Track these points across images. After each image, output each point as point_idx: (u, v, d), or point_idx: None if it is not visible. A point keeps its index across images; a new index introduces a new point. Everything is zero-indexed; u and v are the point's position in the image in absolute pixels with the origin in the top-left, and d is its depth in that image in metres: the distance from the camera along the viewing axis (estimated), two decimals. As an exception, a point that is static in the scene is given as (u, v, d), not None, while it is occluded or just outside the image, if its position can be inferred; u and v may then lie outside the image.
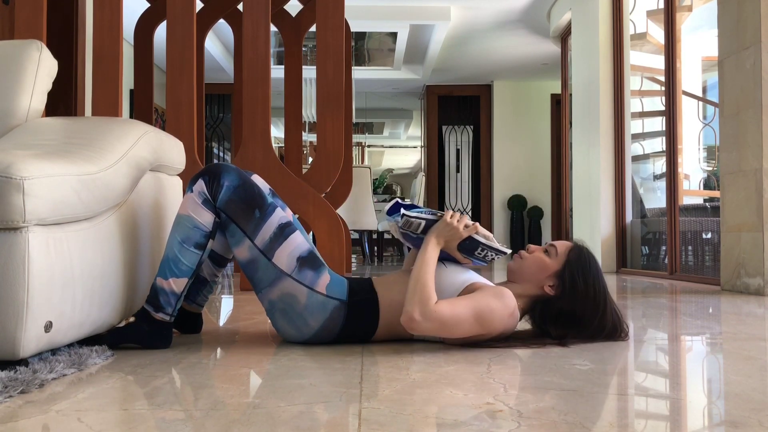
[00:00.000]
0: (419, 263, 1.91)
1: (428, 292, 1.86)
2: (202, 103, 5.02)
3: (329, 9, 3.70)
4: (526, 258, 2.03)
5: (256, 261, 1.94)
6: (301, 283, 1.93)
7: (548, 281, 1.99)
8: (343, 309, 1.94)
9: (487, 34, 8.22)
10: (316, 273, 1.95)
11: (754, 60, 3.82)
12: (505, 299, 1.89)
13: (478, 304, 1.87)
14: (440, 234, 1.95)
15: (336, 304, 1.94)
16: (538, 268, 2.00)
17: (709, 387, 1.59)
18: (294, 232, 1.97)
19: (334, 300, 1.94)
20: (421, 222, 1.99)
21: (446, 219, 1.95)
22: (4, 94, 2.09)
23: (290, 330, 1.98)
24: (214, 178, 1.94)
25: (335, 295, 1.94)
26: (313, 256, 1.97)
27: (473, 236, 1.96)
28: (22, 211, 1.56)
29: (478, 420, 1.19)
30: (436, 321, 1.84)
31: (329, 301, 1.94)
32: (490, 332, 1.91)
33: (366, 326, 1.99)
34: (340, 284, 1.97)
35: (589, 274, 1.98)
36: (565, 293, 1.96)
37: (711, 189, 6.14)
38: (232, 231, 1.95)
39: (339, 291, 1.95)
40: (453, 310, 1.85)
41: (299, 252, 1.95)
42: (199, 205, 1.93)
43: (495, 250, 1.98)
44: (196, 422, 1.19)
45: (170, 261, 1.93)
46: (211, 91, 9.50)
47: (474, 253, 1.98)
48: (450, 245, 1.97)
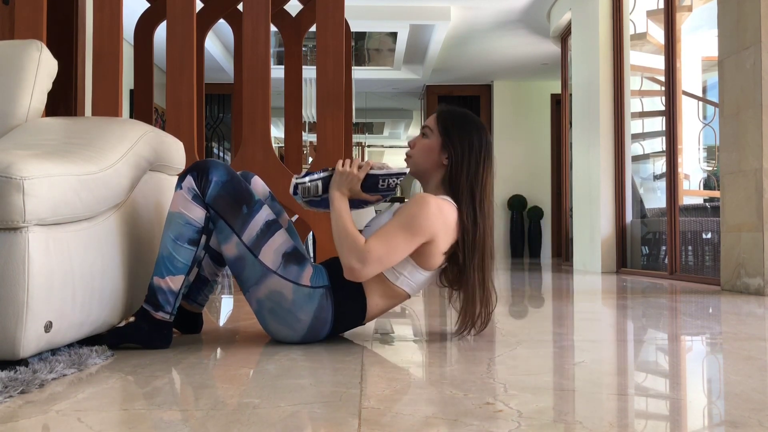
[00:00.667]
0: (333, 219, 1.96)
1: (353, 237, 1.91)
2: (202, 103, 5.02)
3: (329, 9, 3.70)
4: (413, 153, 2.10)
5: (244, 258, 1.95)
6: (287, 279, 1.94)
7: (441, 157, 2.05)
8: (329, 294, 1.96)
9: (487, 34, 8.22)
10: (300, 267, 1.96)
11: (754, 60, 3.82)
12: (421, 199, 1.94)
13: (398, 220, 1.92)
14: (339, 185, 1.99)
15: (321, 292, 1.95)
16: (426, 151, 2.07)
17: (709, 387, 1.59)
18: (279, 230, 1.99)
19: (319, 288, 1.95)
20: (317, 183, 2.02)
21: (338, 169, 1.99)
22: (4, 94, 2.09)
23: (283, 329, 1.98)
24: (203, 174, 1.94)
25: (319, 284, 1.96)
26: (298, 252, 1.99)
27: (370, 172, 1.99)
28: (22, 211, 1.56)
29: (478, 420, 1.19)
30: (374, 257, 1.88)
31: (315, 291, 1.95)
32: (432, 234, 1.93)
33: (356, 306, 2.00)
34: (320, 272, 1.99)
35: (460, 120, 2.06)
36: (457, 150, 2.02)
37: (711, 189, 6.14)
38: (220, 227, 1.96)
39: (321, 278, 1.97)
40: (382, 239, 1.89)
41: (284, 248, 1.96)
42: (190, 201, 1.94)
43: (395, 175, 2.01)
44: (196, 422, 1.19)
45: (165, 259, 1.93)
46: (211, 91, 9.50)
47: (378, 187, 2.01)
48: (354, 190, 2.00)
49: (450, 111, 2.09)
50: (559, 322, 2.79)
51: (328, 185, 2.01)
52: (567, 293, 4.12)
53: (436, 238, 1.94)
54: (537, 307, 3.43)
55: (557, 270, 6.63)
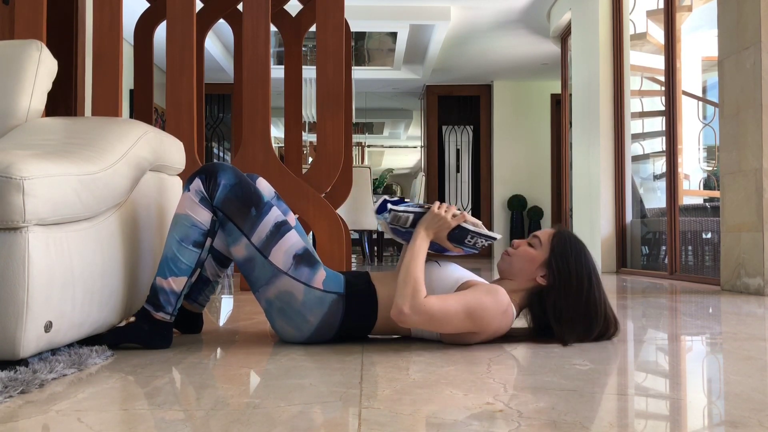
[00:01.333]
0: (409, 256, 1.93)
1: (418, 284, 1.87)
2: (202, 103, 5.02)
3: (329, 9, 3.70)
4: (513, 254, 2.05)
5: (253, 259, 1.95)
6: (298, 280, 1.93)
7: (539, 272, 2.00)
8: (341, 302, 1.95)
9: (487, 34, 8.22)
10: (312, 270, 1.95)
11: (754, 60, 3.82)
12: (498, 296, 1.90)
13: (469, 300, 1.88)
14: (429, 226, 1.96)
15: (334, 297, 1.95)
16: (526, 261, 2.02)
17: (709, 387, 1.59)
18: (290, 231, 1.98)
19: (332, 294, 1.95)
20: (409, 216, 2.00)
21: (434, 210, 1.97)
22: (4, 94, 2.09)
23: (289, 329, 1.98)
24: (211, 177, 1.94)
25: (332, 289, 1.95)
26: (309, 254, 1.98)
27: (462, 225, 1.97)
28: (22, 211, 1.56)
29: (478, 420, 1.19)
30: (425, 314, 1.85)
31: (327, 296, 1.94)
32: (483, 329, 1.91)
33: (365, 320, 2.00)
34: (336, 279, 1.98)
35: (572, 254, 1.99)
36: (556, 280, 1.97)
37: (711, 189, 6.14)
38: (229, 229, 1.96)
39: (335, 285, 1.96)
40: (443, 305, 1.86)
41: (295, 249, 1.96)
42: (197, 204, 1.94)
43: (485, 237, 1.99)
44: (197, 422, 1.19)
45: (169, 260, 1.93)
46: (211, 91, 9.50)
47: (464, 241, 1.99)
48: (439, 236, 1.98)
49: (568, 234, 2.04)
50: (559, 322, 2.78)
51: (417, 221, 2.00)
52: (567, 293, 4.10)
53: (484, 333, 1.93)
54: (537, 307, 3.42)
55: (557, 270, 6.61)
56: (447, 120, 10.92)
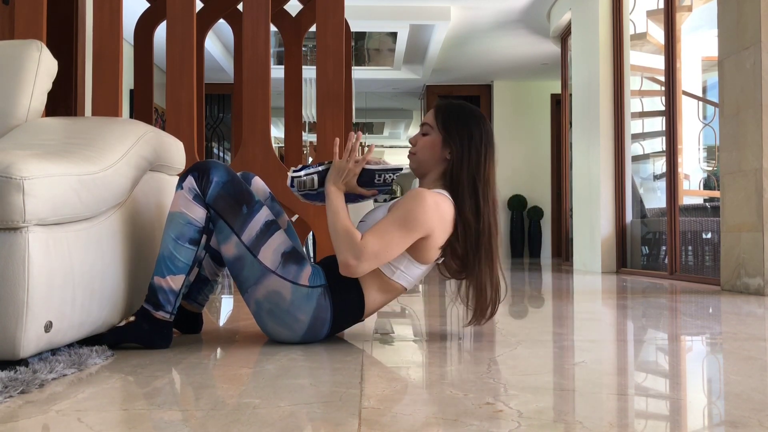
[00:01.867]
0: (329, 214, 1.95)
1: (349, 233, 1.90)
2: (202, 103, 5.02)
3: (329, 9, 3.70)
4: (416, 151, 2.09)
5: (243, 258, 1.95)
6: (285, 278, 1.94)
7: (444, 153, 2.04)
8: (327, 293, 1.96)
9: (487, 34, 8.22)
10: (299, 267, 1.96)
11: (754, 60, 3.82)
12: (417, 194, 1.92)
13: (395, 215, 1.91)
14: (335, 179, 1.99)
15: (319, 291, 1.95)
16: (428, 148, 2.06)
17: (709, 387, 1.59)
18: (278, 230, 1.99)
19: (317, 288, 1.95)
20: (314, 176, 2.02)
21: (335, 163, 1.99)
22: (4, 94, 2.09)
23: (282, 331, 1.98)
24: (204, 174, 1.95)
25: (317, 283, 1.96)
26: (296, 252, 1.99)
27: (366, 167, 1.99)
28: (22, 211, 1.56)
29: (478, 420, 1.19)
30: (369, 253, 1.87)
31: (313, 291, 1.95)
32: (428, 228, 1.92)
33: (354, 304, 1.99)
34: (318, 271, 1.99)
35: (459, 113, 2.04)
36: (456, 144, 2.01)
37: (711, 189, 6.14)
38: (220, 227, 1.96)
39: (319, 278, 1.97)
40: (378, 235, 1.89)
41: (283, 248, 1.97)
42: (191, 201, 1.94)
43: (392, 170, 2.01)
44: (197, 422, 1.19)
45: (166, 259, 1.93)
46: (211, 91, 9.50)
47: (374, 182, 2.01)
48: (350, 184, 2.00)
49: (448, 105, 2.09)
50: (559, 322, 2.79)
51: (324, 179, 2.01)
52: (567, 293, 4.12)
53: (432, 233, 1.93)
54: (537, 307, 3.43)
55: (557, 270, 6.63)
56: (447, 120, 10.90)
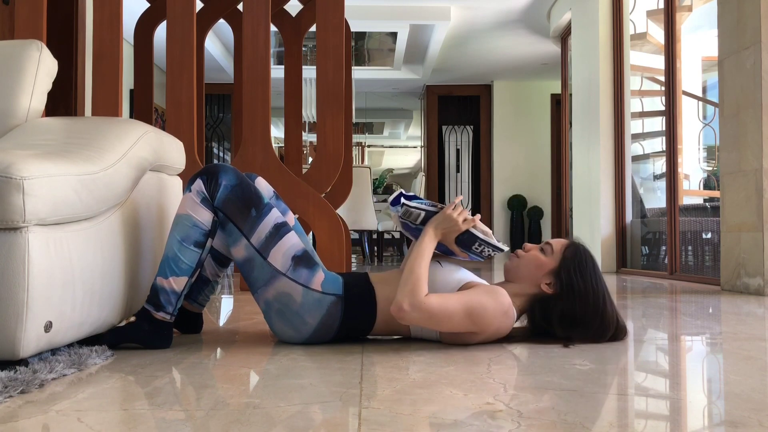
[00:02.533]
0: (414, 253, 1.92)
1: (420, 282, 1.87)
2: (202, 103, 5.02)
3: (329, 9, 3.70)
4: (522, 257, 2.03)
5: (252, 260, 1.95)
6: (296, 281, 1.93)
7: (545, 279, 1.99)
8: (339, 303, 1.95)
9: (487, 34, 8.22)
10: (310, 271, 1.95)
11: (754, 60, 3.82)
12: (499, 297, 1.89)
13: (469, 299, 1.87)
14: (439, 225, 1.96)
15: (332, 299, 1.95)
16: (535, 266, 2.00)
17: (709, 387, 1.59)
18: (289, 232, 1.98)
19: (330, 295, 1.95)
20: (421, 213, 2.00)
21: (446, 211, 1.96)
22: (4, 94, 2.09)
23: (288, 330, 1.98)
24: (213, 178, 1.95)
25: (331, 291, 1.95)
26: (308, 256, 1.98)
27: (471, 230, 1.96)
28: (22, 211, 1.56)
29: (478, 420, 1.19)
30: (424, 311, 1.85)
31: (325, 297, 1.94)
32: (483, 329, 1.91)
33: (364, 321, 1.99)
34: (334, 280, 1.98)
35: (586, 271, 1.97)
36: (562, 291, 1.96)
37: (711, 189, 6.14)
38: (229, 230, 1.96)
39: (334, 287, 1.96)
40: (443, 304, 1.86)
41: (294, 251, 1.96)
42: (198, 204, 1.94)
43: (492, 246, 1.98)
44: (197, 422, 1.19)
45: (170, 260, 1.93)
46: (211, 91, 9.50)
47: (471, 247, 1.98)
48: (448, 238, 1.97)
49: (583, 251, 2.02)
50: (559, 322, 2.78)
51: (428, 219, 1.99)
52: (567, 293, 4.10)
53: (483, 333, 1.92)
54: (537, 307, 3.42)
55: (557, 270, 6.62)
56: (447, 120, 10.92)
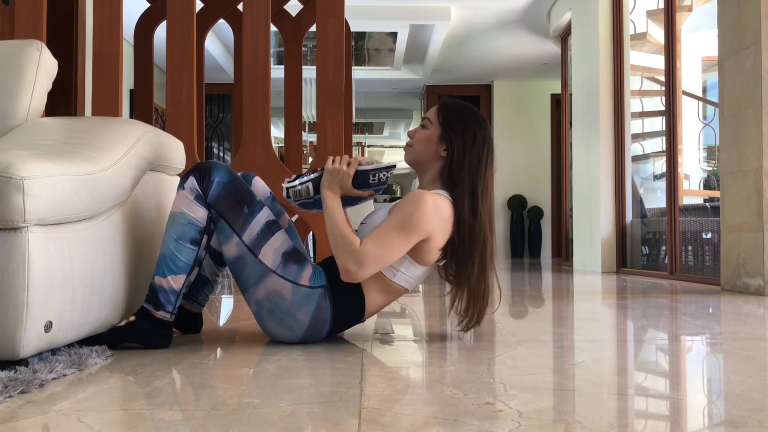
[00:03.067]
0: (327, 219, 1.95)
1: (348, 239, 1.89)
2: (202, 103, 5.02)
3: (329, 9, 3.70)
4: (413, 143, 2.07)
5: (244, 258, 1.95)
6: (286, 278, 1.94)
7: (440, 149, 2.02)
8: (327, 294, 1.95)
9: (487, 34, 8.22)
10: (299, 267, 1.96)
11: (754, 60, 3.82)
12: (417, 197, 1.91)
13: (394, 219, 1.90)
14: (330, 183, 1.98)
15: (320, 292, 1.95)
16: (424, 141, 2.04)
17: (709, 387, 1.59)
18: (279, 230, 1.99)
19: (317, 288, 1.95)
20: (308, 184, 2.02)
21: (328, 167, 1.99)
22: (4, 94, 2.09)
23: (282, 330, 1.98)
24: (205, 174, 1.95)
25: (317, 284, 1.96)
26: (297, 252, 1.99)
27: (359, 168, 1.98)
28: (22, 211, 1.56)
29: (478, 420, 1.19)
30: (369, 258, 1.87)
31: (313, 292, 1.95)
32: (429, 231, 1.91)
33: (354, 305, 1.99)
34: (319, 272, 1.99)
35: (461, 113, 2.01)
36: (458, 141, 1.99)
37: (711, 189, 6.14)
38: (221, 227, 1.96)
39: (319, 278, 1.97)
40: (377, 239, 1.88)
41: (284, 248, 1.97)
42: (192, 201, 1.94)
43: (385, 168, 2.00)
44: (197, 422, 1.19)
45: (167, 259, 1.93)
46: (211, 91, 9.49)
47: (369, 182, 2.00)
48: (345, 187, 1.99)
49: (451, 103, 2.07)
50: (559, 322, 2.79)
51: (319, 186, 2.01)
52: (567, 293, 4.12)
53: (432, 235, 1.92)
54: (537, 307, 3.43)
55: (557, 270, 6.63)
56: (447, 120, 10.90)
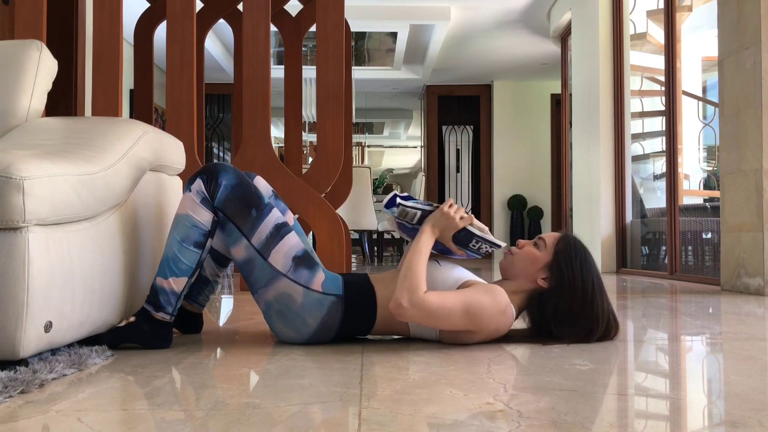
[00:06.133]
0: (412, 251, 1.93)
1: (418, 279, 1.87)
2: (202, 103, 5.01)
3: (329, 9, 3.70)
4: (516, 253, 2.04)
5: (253, 261, 1.95)
6: (297, 282, 1.93)
7: (540, 274, 1.99)
8: (340, 304, 1.95)
9: (487, 34, 8.22)
10: (311, 272, 1.95)
11: (754, 60, 3.82)
12: (496, 295, 1.90)
13: (468, 298, 1.88)
14: (436, 224, 1.96)
15: (332, 299, 1.95)
16: (529, 261, 2.01)
17: (709, 387, 1.59)
18: (290, 232, 1.98)
19: (331, 296, 1.95)
20: (417, 212, 2.00)
21: (443, 209, 1.97)
22: (4, 94, 2.09)
23: (289, 331, 1.98)
24: (212, 177, 1.95)
25: (331, 291, 1.95)
26: (308, 256, 1.98)
27: (468, 228, 1.97)
28: (22, 211, 1.56)
29: (478, 420, 1.19)
30: (423, 309, 1.85)
31: (326, 298, 1.94)
32: (481, 328, 1.91)
33: (364, 321, 1.99)
34: (334, 281, 1.98)
35: (576, 260, 1.97)
36: (557, 283, 1.96)
37: (711, 189, 6.14)
38: (229, 230, 1.96)
39: (334, 287, 1.96)
40: (441, 301, 1.86)
41: (295, 251, 1.96)
42: (198, 204, 1.94)
43: (490, 243, 1.99)
44: (197, 422, 1.19)
45: (170, 260, 1.93)
46: (211, 91, 9.50)
47: (468, 245, 1.99)
48: (445, 236, 1.97)
49: (575, 241, 2.03)
50: (559, 322, 2.78)
51: (424, 218, 2.00)
52: (567, 293, 4.10)
53: (481, 332, 1.93)
54: (537, 307, 3.42)
55: (557, 270, 6.62)
56: (447, 120, 10.92)
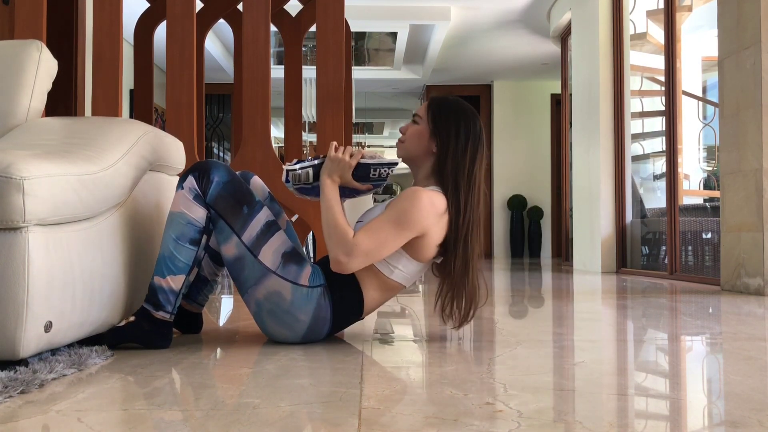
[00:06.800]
0: (323, 208, 1.94)
1: (341, 229, 1.89)
2: (202, 103, 5.01)
3: (329, 9, 3.70)
4: (405, 139, 2.07)
5: (243, 258, 1.95)
6: (286, 279, 1.94)
7: (431, 145, 2.01)
8: (326, 293, 1.96)
9: (487, 34, 8.22)
10: (299, 267, 1.96)
11: (754, 60, 3.82)
12: (412, 194, 1.91)
13: (388, 213, 1.90)
14: (331, 171, 1.97)
15: (319, 291, 1.95)
16: (417, 138, 2.04)
17: (709, 387, 1.59)
18: (279, 230, 1.99)
19: (317, 288, 1.95)
20: (308, 170, 2.01)
21: (330, 155, 1.97)
22: (4, 94, 2.09)
23: (283, 331, 1.98)
24: (204, 174, 1.95)
25: (316, 283, 1.96)
26: (296, 252, 1.99)
27: (361, 161, 1.98)
28: (22, 211, 1.56)
29: (478, 420, 1.19)
30: (361, 251, 1.87)
31: (313, 291, 1.95)
32: (423, 228, 1.91)
33: (353, 302, 1.99)
34: (317, 271, 1.99)
35: (450, 115, 2.00)
36: (446, 141, 1.98)
37: (711, 189, 6.14)
38: (220, 227, 1.96)
39: (318, 278, 1.97)
40: (371, 233, 1.88)
41: (284, 248, 1.97)
42: (191, 201, 1.94)
43: (387, 164, 2.00)
44: (196, 422, 1.19)
45: (166, 259, 1.93)
46: (211, 91, 9.50)
47: (369, 176, 2.00)
48: (345, 178, 1.98)
49: (441, 99, 2.07)
50: (559, 322, 2.79)
51: (319, 172, 2.00)
52: (567, 293, 4.11)
53: (428, 231, 1.92)
54: (537, 307, 3.43)
55: (557, 270, 6.63)
56: (447, 120, 10.90)
